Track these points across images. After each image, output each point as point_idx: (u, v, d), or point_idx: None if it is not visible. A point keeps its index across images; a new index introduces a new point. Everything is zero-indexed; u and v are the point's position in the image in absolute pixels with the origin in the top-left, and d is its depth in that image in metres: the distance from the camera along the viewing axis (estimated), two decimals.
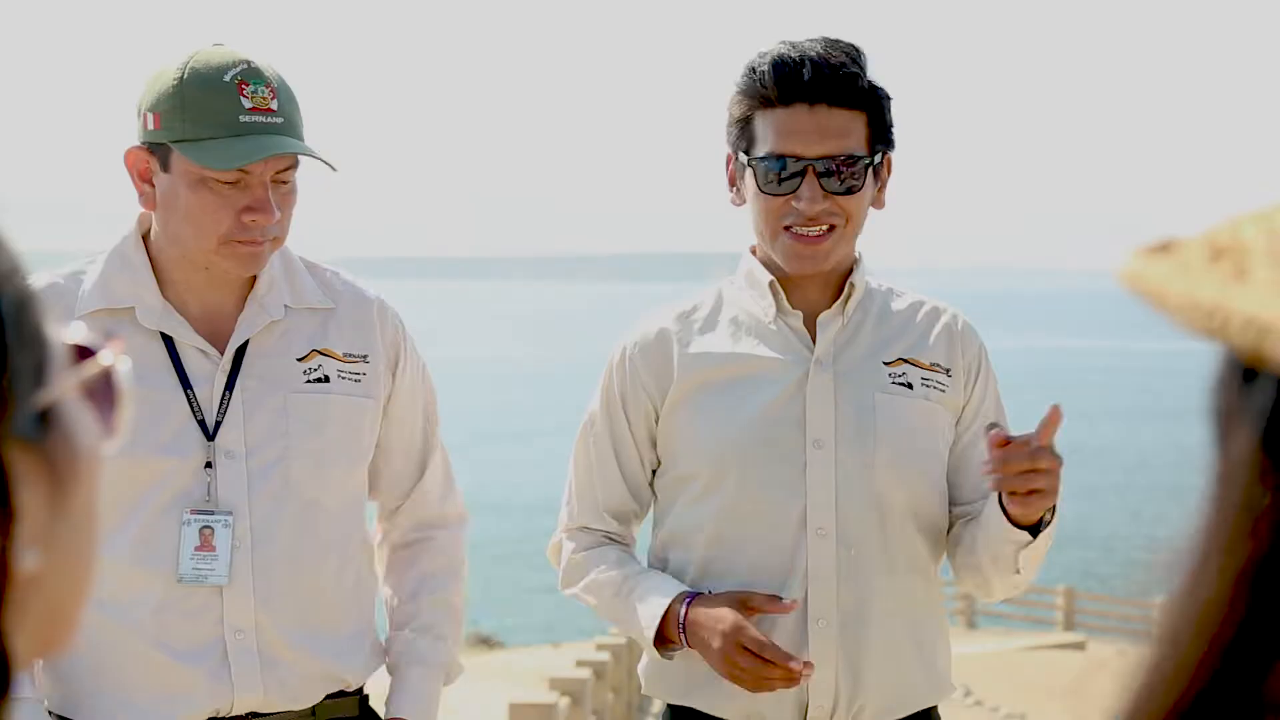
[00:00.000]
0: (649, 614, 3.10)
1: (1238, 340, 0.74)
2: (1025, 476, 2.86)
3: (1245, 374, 0.76)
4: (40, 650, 0.87)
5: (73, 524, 0.87)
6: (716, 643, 3.00)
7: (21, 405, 0.83)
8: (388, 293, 3.22)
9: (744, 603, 3.02)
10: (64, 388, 0.86)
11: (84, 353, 0.89)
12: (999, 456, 2.85)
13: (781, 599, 3.04)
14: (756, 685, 2.98)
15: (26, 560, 0.83)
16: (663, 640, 3.11)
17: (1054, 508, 2.97)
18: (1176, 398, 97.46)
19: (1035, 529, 2.99)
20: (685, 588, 3.10)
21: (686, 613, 3.06)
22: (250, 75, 2.89)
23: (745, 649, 2.97)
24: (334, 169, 2.97)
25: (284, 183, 2.92)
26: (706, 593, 3.09)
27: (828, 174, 3.05)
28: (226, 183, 2.87)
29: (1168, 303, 0.77)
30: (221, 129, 2.86)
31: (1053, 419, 2.83)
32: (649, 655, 3.22)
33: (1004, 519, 2.98)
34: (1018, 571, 3.05)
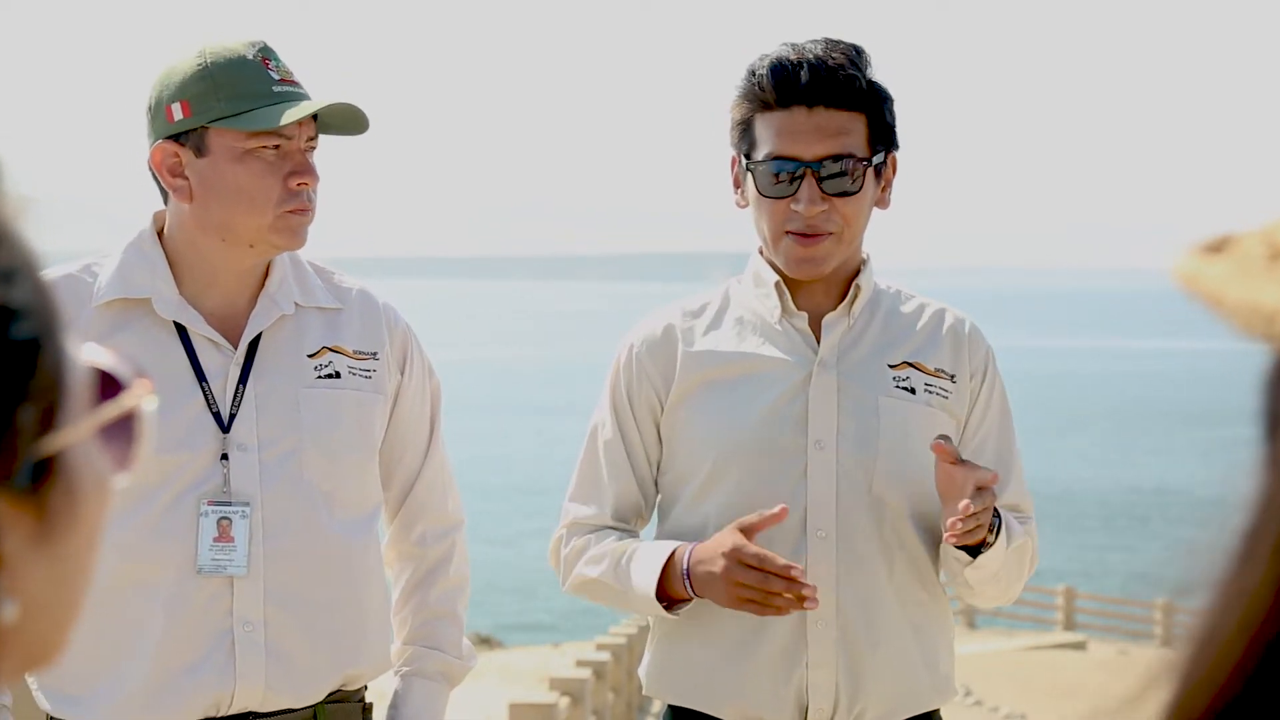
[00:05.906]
0: (649, 568, 3.07)
1: None
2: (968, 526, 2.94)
3: None
4: (17, 676, 0.85)
5: (62, 569, 0.83)
6: (719, 565, 2.97)
7: (23, 457, 0.79)
8: (385, 293, 3.25)
9: (740, 526, 3.00)
10: (77, 433, 0.82)
11: (107, 380, 0.85)
12: (956, 513, 2.92)
13: (774, 513, 3.00)
14: (765, 604, 2.95)
15: (5, 611, 0.80)
16: (667, 600, 3.08)
17: (997, 527, 3.03)
18: (1173, 398, 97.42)
19: (978, 549, 3.04)
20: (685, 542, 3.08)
21: (691, 554, 3.04)
22: (269, 53, 2.98)
23: (747, 565, 2.95)
24: (364, 128, 3.02)
25: (313, 149, 3.00)
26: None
27: (827, 176, 3.05)
28: (272, 147, 2.94)
29: (1226, 304, 0.74)
30: (260, 99, 2.93)
31: (941, 454, 2.95)
32: (651, 649, 3.22)
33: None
34: (970, 587, 3.11)
